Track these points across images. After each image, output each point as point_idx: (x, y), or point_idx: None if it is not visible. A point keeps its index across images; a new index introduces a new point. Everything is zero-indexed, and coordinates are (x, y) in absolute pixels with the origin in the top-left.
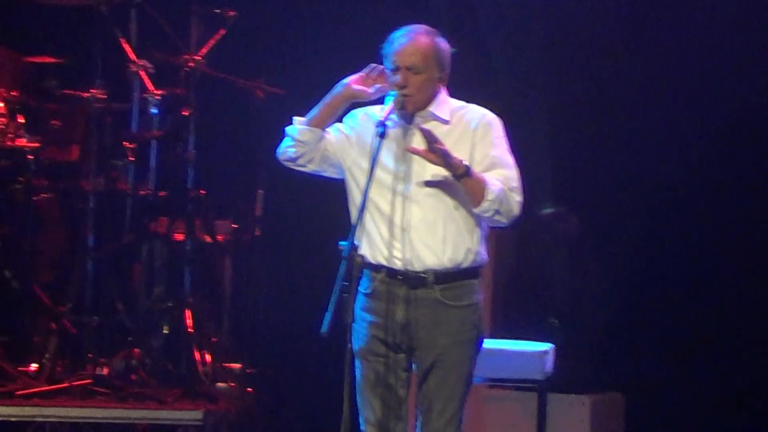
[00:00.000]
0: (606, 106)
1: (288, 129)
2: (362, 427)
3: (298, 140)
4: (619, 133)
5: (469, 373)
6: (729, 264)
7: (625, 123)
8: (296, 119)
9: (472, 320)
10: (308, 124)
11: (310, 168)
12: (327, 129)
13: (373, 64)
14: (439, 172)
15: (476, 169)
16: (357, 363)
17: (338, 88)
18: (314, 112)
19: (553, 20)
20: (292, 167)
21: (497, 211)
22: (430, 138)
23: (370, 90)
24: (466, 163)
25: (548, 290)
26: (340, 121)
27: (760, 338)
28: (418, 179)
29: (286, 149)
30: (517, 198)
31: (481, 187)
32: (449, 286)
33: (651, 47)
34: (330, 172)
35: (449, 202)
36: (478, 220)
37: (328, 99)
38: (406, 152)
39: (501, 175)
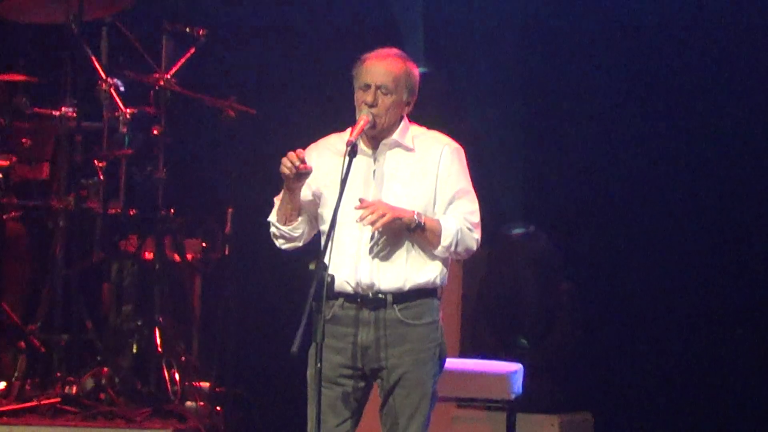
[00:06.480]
0: (578, 125)
1: (276, 232)
2: None
3: (295, 237)
4: (591, 152)
5: (433, 391)
6: (700, 284)
7: (598, 143)
8: (273, 222)
9: (434, 338)
10: (286, 222)
11: (310, 237)
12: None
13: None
14: (404, 194)
15: (439, 201)
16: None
17: (286, 183)
18: (282, 210)
19: (528, 34)
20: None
21: (455, 251)
22: (373, 212)
23: (309, 165)
24: (416, 217)
25: (518, 310)
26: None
27: (733, 359)
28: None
29: (291, 247)
30: (475, 236)
31: (436, 234)
32: (407, 306)
33: (622, 66)
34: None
35: None
36: None
37: (285, 197)
38: (369, 179)
39: (462, 211)
